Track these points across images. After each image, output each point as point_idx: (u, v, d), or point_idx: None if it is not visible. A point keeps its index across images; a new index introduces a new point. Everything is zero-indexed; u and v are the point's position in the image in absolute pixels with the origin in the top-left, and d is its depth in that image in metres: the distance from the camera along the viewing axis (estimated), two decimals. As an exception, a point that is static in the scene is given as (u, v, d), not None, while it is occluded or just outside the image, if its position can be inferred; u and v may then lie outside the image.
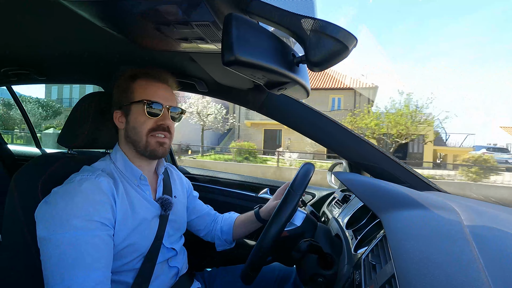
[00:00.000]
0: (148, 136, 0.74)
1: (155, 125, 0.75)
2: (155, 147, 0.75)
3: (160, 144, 0.76)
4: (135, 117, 0.74)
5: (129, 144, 0.77)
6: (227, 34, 0.42)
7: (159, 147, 0.76)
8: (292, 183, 0.76)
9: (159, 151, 0.76)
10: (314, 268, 0.73)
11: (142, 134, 0.74)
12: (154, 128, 0.74)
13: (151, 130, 0.74)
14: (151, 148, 0.75)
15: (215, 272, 1.01)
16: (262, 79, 0.57)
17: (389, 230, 0.57)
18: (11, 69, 1.18)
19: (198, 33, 0.61)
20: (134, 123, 0.74)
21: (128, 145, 0.77)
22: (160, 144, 0.76)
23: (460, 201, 0.70)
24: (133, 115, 0.75)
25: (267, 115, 1.09)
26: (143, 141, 0.74)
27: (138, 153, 0.77)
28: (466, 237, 0.48)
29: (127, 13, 0.57)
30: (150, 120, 0.74)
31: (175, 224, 0.85)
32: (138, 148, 0.75)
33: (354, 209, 0.92)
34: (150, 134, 0.74)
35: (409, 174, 0.95)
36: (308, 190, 1.42)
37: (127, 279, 0.71)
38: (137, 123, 0.74)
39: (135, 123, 0.74)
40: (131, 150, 0.77)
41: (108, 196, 0.67)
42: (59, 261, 0.58)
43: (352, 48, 0.48)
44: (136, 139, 0.75)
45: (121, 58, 0.99)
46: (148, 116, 0.73)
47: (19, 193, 0.70)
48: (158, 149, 0.76)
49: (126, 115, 0.76)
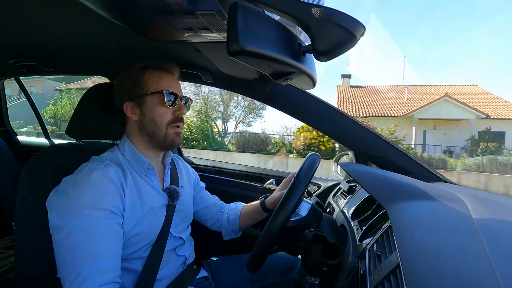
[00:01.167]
0: (168, 128, 0.77)
1: (173, 116, 0.77)
2: (173, 137, 0.78)
3: (177, 134, 0.79)
4: (151, 108, 0.76)
5: (143, 135, 0.78)
6: (232, 23, 0.42)
7: (177, 137, 0.79)
8: (297, 174, 0.76)
9: (177, 141, 0.80)
10: (319, 257, 0.74)
11: (162, 126, 0.76)
12: (173, 120, 0.77)
13: (171, 122, 0.77)
14: (170, 139, 0.78)
15: (221, 261, 1.03)
16: (268, 69, 0.56)
17: (394, 221, 0.56)
18: (19, 61, 1.19)
19: (203, 23, 0.60)
20: (152, 114, 0.76)
21: (142, 136, 0.78)
22: (177, 134, 0.79)
23: (468, 192, 0.69)
24: (149, 106, 0.76)
25: (273, 105, 1.08)
26: (163, 132, 0.77)
27: (151, 144, 0.78)
28: (474, 229, 0.47)
29: (132, 3, 0.57)
30: (168, 111, 0.76)
31: (182, 214, 0.87)
32: (155, 139, 0.77)
33: (359, 200, 0.92)
34: (170, 126, 0.77)
35: (416, 165, 0.94)
36: (313, 181, 1.42)
37: (136, 266, 0.73)
38: (155, 114, 0.76)
39: (152, 114, 0.76)
40: (144, 141, 0.78)
41: (117, 185, 0.68)
42: (71, 249, 0.60)
43: (360, 37, 0.47)
44: (154, 130, 0.76)
45: (127, 49, 0.99)
46: (167, 107, 0.76)
47: (30, 183, 0.72)
48: (176, 139, 0.79)
49: (140, 106, 0.76)
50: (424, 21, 53.01)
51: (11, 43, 1.03)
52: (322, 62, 0.52)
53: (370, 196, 0.87)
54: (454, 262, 0.39)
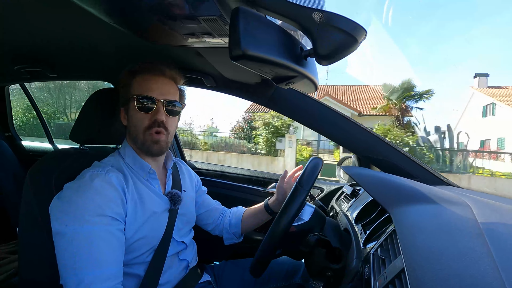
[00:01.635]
0: (144, 134, 0.75)
1: (150, 121, 0.74)
2: (149, 145, 0.75)
3: (155, 142, 0.75)
4: (131, 114, 0.75)
5: (132, 140, 0.78)
6: (234, 28, 0.42)
7: (154, 145, 0.75)
8: (299, 179, 0.75)
9: (154, 149, 0.76)
10: (323, 262, 0.73)
11: (139, 132, 0.75)
12: (150, 126, 0.74)
13: (147, 128, 0.74)
14: (146, 146, 0.75)
15: (224, 265, 1.03)
16: (270, 73, 0.56)
17: (398, 225, 0.56)
18: (24, 67, 1.21)
19: (205, 28, 0.61)
20: (132, 120, 0.75)
21: (131, 141, 0.78)
22: (154, 142, 0.75)
23: (473, 196, 0.68)
24: (131, 111, 0.75)
25: (275, 109, 1.08)
26: (140, 138, 0.75)
27: (139, 149, 0.78)
28: (479, 233, 0.47)
29: (135, 9, 0.57)
30: (145, 116, 0.74)
31: (184, 218, 0.87)
32: (137, 144, 0.77)
33: (363, 204, 0.91)
34: (147, 132, 0.74)
35: (420, 168, 0.94)
36: (316, 185, 1.41)
37: (138, 271, 0.73)
38: (134, 120, 0.75)
39: (132, 120, 0.75)
40: (135, 146, 0.78)
41: (119, 191, 0.69)
42: (72, 255, 0.60)
43: (362, 41, 0.47)
44: (135, 136, 0.76)
45: (130, 54, 0.99)
46: (140, 112, 0.73)
47: (34, 188, 0.72)
48: (153, 146, 0.75)
49: (127, 111, 0.77)
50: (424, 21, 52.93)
51: (16, 49, 1.05)
52: (324, 66, 0.52)
53: (373, 199, 0.86)
54: (460, 266, 0.39)
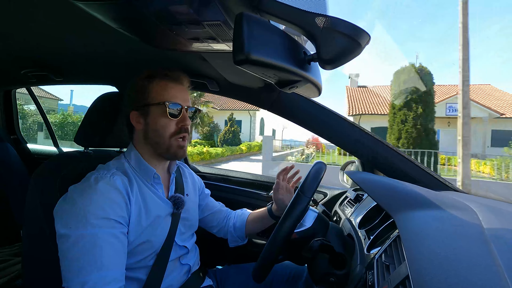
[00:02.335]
0: (170, 140, 0.76)
1: (177, 127, 0.76)
2: (176, 150, 0.77)
3: (181, 147, 0.78)
4: (155, 119, 0.75)
5: (148, 145, 0.78)
6: (238, 33, 0.42)
7: (180, 150, 0.78)
8: (302, 185, 0.75)
9: (180, 154, 0.78)
10: (326, 267, 0.73)
11: (165, 138, 0.75)
12: (177, 132, 0.76)
13: (174, 133, 0.76)
14: (172, 151, 0.77)
15: (227, 270, 1.02)
16: (274, 78, 0.56)
17: (403, 231, 0.55)
18: (31, 71, 1.23)
19: (210, 33, 0.61)
20: (155, 125, 0.75)
21: (147, 145, 0.78)
22: (181, 147, 0.78)
23: (478, 201, 0.67)
24: (153, 116, 0.75)
25: (279, 113, 1.08)
26: (166, 144, 0.76)
27: (156, 153, 0.78)
28: (485, 239, 0.46)
29: (140, 14, 0.58)
30: (171, 122, 0.75)
31: (187, 222, 0.87)
32: (159, 149, 0.77)
33: (367, 209, 0.90)
34: (173, 138, 0.76)
35: (424, 173, 0.93)
36: (320, 189, 1.41)
37: (140, 275, 0.73)
38: (158, 125, 0.75)
39: (156, 125, 0.75)
40: (149, 150, 0.78)
41: (123, 194, 0.69)
42: (76, 258, 0.60)
43: (365, 45, 0.47)
44: (158, 141, 0.76)
45: (134, 58, 1.00)
46: (169, 118, 0.74)
47: (38, 191, 0.72)
48: (179, 151, 0.78)
49: (145, 116, 0.76)
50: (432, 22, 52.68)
51: (23, 54, 1.07)
52: (327, 70, 0.53)
53: (377, 205, 0.86)
54: (465, 273, 0.38)
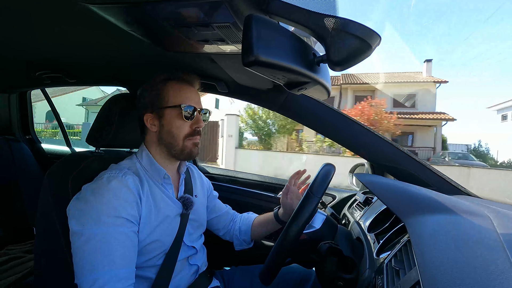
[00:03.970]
0: (184, 141, 0.78)
1: (191, 129, 0.78)
2: (191, 149, 0.79)
3: (196, 145, 0.80)
4: (170, 121, 0.77)
5: (161, 146, 0.79)
6: (247, 35, 0.43)
7: (195, 148, 0.80)
8: (311, 186, 0.74)
9: (195, 152, 0.81)
10: (334, 271, 0.72)
11: (179, 139, 0.77)
12: (191, 133, 0.78)
13: (188, 135, 0.78)
14: (187, 151, 0.79)
15: (234, 271, 1.02)
16: (282, 79, 0.56)
17: (414, 235, 0.54)
18: (45, 72, 1.26)
19: (219, 35, 0.62)
20: (170, 127, 0.77)
21: (160, 146, 0.79)
22: (195, 145, 0.80)
23: (492, 206, 0.66)
24: (168, 119, 0.77)
25: (287, 115, 1.08)
26: (180, 145, 0.78)
27: (169, 155, 0.80)
28: (500, 245, 0.45)
29: (151, 17, 0.59)
30: (186, 124, 0.77)
31: (195, 223, 0.87)
32: (172, 150, 0.78)
33: (376, 212, 0.89)
34: (187, 139, 0.78)
35: (436, 176, 0.91)
36: (328, 192, 1.39)
37: (149, 274, 0.74)
38: (172, 127, 0.77)
39: (170, 127, 0.77)
40: (162, 151, 0.80)
41: (134, 193, 0.70)
42: (88, 256, 0.61)
43: (376, 46, 0.47)
44: (172, 142, 0.78)
45: (145, 60, 1.02)
46: (184, 120, 0.77)
47: (51, 190, 0.74)
48: (194, 150, 0.80)
49: (159, 118, 0.78)
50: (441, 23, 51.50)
51: (38, 56, 1.09)
52: (337, 72, 0.52)
53: (387, 208, 0.84)
54: (480, 280, 0.37)
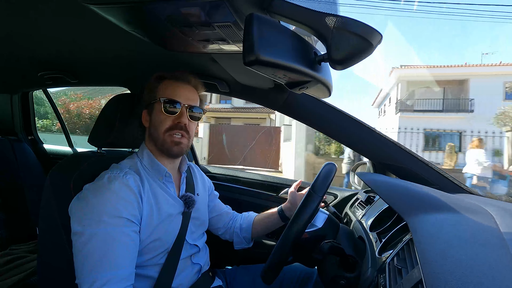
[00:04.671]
0: (164, 135, 0.77)
1: (172, 123, 0.77)
2: (170, 145, 0.78)
3: (176, 144, 0.78)
4: (155, 115, 0.78)
5: (152, 142, 0.80)
6: (248, 34, 0.42)
7: (174, 146, 0.78)
8: (313, 184, 0.74)
9: (174, 150, 0.78)
10: (336, 270, 0.72)
11: (160, 132, 0.77)
12: (171, 127, 0.77)
13: (168, 129, 0.77)
14: (166, 146, 0.78)
15: (236, 270, 1.02)
16: (283, 79, 0.56)
17: (416, 234, 0.54)
18: (47, 73, 1.26)
19: (220, 34, 0.62)
20: (154, 121, 0.78)
21: (151, 142, 0.81)
22: (175, 143, 0.78)
23: (495, 205, 0.65)
24: (154, 113, 0.78)
25: (289, 114, 1.08)
26: (160, 138, 0.78)
27: (158, 150, 0.80)
28: (503, 244, 0.45)
29: (152, 17, 0.59)
30: (168, 118, 0.77)
31: (197, 221, 0.87)
32: (157, 145, 0.79)
33: (378, 211, 0.89)
34: (167, 133, 0.77)
35: (438, 175, 0.91)
36: (330, 191, 1.39)
37: (152, 273, 0.74)
38: (156, 121, 0.78)
39: (155, 121, 0.78)
40: (153, 148, 0.81)
41: (135, 193, 0.70)
42: (88, 256, 0.62)
43: (377, 45, 0.47)
44: (155, 137, 0.78)
45: (146, 60, 1.02)
46: (165, 114, 0.76)
47: (53, 190, 0.74)
48: (173, 147, 0.78)
49: (150, 113, 0.80)
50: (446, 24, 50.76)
51: (40, 57, 1.10)
52: (338, 70, 0.52)
53: (389, 207, 0.84)
54: (483, 278, 0.37)
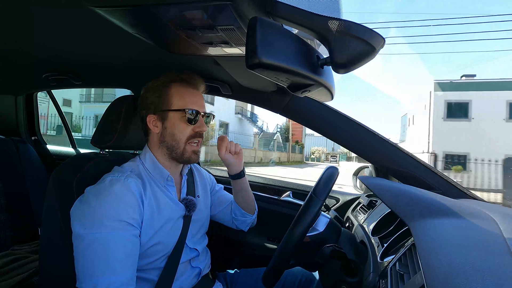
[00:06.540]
0: (186, 144, 0.78)
1: (193, 132, 0.78)
2: (190, 155, 0.79)
3: (195, 153, 0.80)
4: (173, 123, 0.77)
5: (163, 148, 0.79)
6: (251, 38, 0.43)
7: (194, 155, 0.80)
8: (314, 188, 0.74)
9: (193, 159, 0.81)
10: (338, 274, 0.71)
11: (181, 142, 0.78)
12: (192, 136, 0.78)
13: (190, 137, 0.78)
14: (186, 156, 0.79)
15: (237, 274, 1.02)
16: (286, 82, 0.56)
17: (418, 239, 0.54)
18: (51, 74, 1.27)
19: (223, 37, 0.62)
20: (173, 129, 0.77)
21: (162, 148, 0.79)
22: (195, 152, 0.80)
23: (498, 210, 0.65)
24: (171, 121, 0.77)
25: (291, 117, 1.08)
26: (181, 148, 0.78)
27: (170, 157, 0.80)
28: (506, 249, 0.44)
29: (155, 20, 0.60)
30: (189, 127, 0.78)
31: (198, 224, 0.87)
32: (173, 153, 0.78)
33: (380, 216, 0.88)
34: (188, 142, 0.78)
35: (441, 180, 0.90)
36: (332, 195, 1.39)
37: (152, 277, 0.74)
38: (175, 130, 0.77)
39: (173, 129, 0.77)
40: (163, 153, 0.80)
41: (136, 197, 0.70)
42: (89, 260, 0.61)
43: (380, 49, 0.47)
44: (173, 145, 0.78)
45: (150, 62, 1.03)
46: (188, 124, 0.77)
47: (56, 191, 0.75)
48: (193, 156, 0.80)
49: (163, 120, 0.78)
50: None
51: (44, 59, 1.11)
52: (341, 74, 0.52)
53: (391, 211, 0.84)
54: (484, 284, 0.36)
